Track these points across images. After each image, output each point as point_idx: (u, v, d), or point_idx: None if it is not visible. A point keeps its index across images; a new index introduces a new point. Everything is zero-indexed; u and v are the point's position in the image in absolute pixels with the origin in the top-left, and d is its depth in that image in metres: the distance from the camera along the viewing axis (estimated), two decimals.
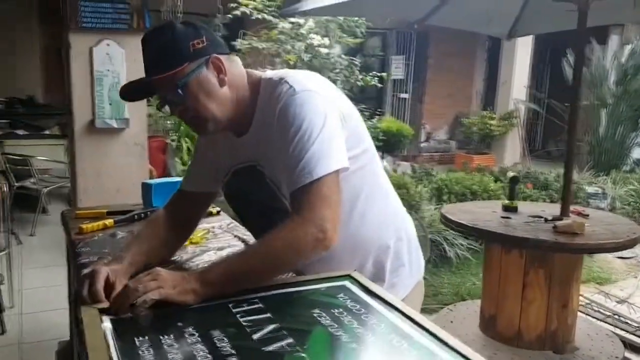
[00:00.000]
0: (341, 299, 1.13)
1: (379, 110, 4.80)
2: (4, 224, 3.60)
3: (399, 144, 4.29)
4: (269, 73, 1.29)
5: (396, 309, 1.09)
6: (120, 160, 2.58)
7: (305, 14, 3.76)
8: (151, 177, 2.82)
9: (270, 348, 0.93)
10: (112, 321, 1.01)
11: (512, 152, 8.43)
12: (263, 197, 1.30)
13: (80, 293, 1.11)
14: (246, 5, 4.05)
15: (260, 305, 1.09)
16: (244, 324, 1.01)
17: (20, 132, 5.12)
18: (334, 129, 1.19)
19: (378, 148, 4.20)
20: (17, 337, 2.96)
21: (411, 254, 1.45)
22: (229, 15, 4.19)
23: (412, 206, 4.34)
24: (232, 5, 4.15)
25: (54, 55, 5.95)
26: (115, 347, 0.93)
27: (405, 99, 9.09)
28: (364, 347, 0.95)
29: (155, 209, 1.78)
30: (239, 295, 1.11)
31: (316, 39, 3.93)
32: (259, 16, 4.02)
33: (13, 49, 6.51)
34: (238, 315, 1.04)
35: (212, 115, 1.22)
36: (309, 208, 1.13)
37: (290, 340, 0.95)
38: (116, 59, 2.52)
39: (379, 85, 4.46)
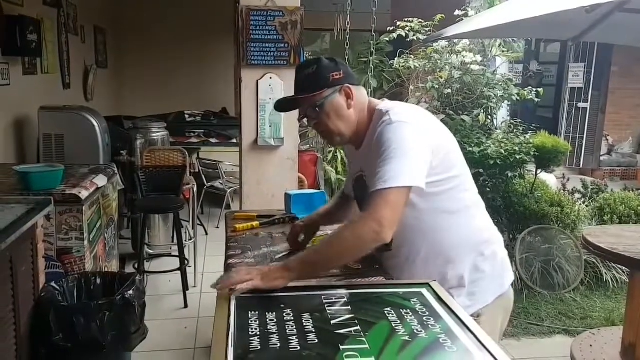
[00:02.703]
0: (412, 303, 1.36)
1: (534, 125, 4.65)
2: (192, 218, 4.38)
3: (555, 160, 4.17)
4: (382, 104, 1.59)
5: (456, 315, 1.30)
6: (275, 172, 3.10)
7: (449, 39, 3.92)
8: (301, 186, 3.27)
9: (341, 331, 1.21)
10: (236, 299, 1.38)
11: None
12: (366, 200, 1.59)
13: (218, 281, 1.44)
14: (403, 28, 4.34)
15: (345, 299, 1.37)
16: (328, 311, 1.31)
17: (213, 140, 6.00)
18: (417, 155, 1.45)
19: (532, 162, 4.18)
20: (196, 311, 3.61)
21: (494, 269, 1.63)
22: (394, 35, 4.50)
23: (567, 225, 4.20)
24: (390, 28, 4.46)
25: None
26: (234, 316, 1.29)
27: (584, 108, 8.51)
28: (414, 340, 1.18)
29: (293, 215, 2.18)
30: (331, 289, 1.42)
31: (468, 57, 4.05)
32: (415, 38, 4.27)
33: (212, 65, 7.59)
34: (326, 305, 1.34)
35: (338, 130, 1.57)
36: (374, 207, 1.40)
37: (357, 327, 1.22)
38: (276, 89, 3.04)
39: (536, 99, 4.39)
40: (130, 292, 2.46)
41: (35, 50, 3.86)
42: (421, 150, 1.46)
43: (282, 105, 1.70)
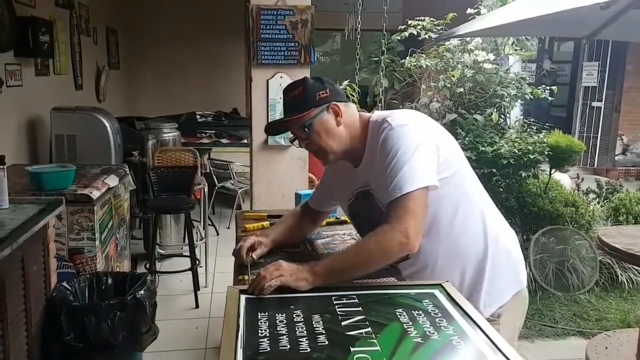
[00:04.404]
0: (425, 304, 1.34)
1: (548, 124, 4.59)
2: (203, 219, 4.39)
3: (569, 160, 4.12)
4: (375, 115, 1.59)
5: (469, 316, 1.27)
6: (285, 172, 3.09)
7: (461, 38, 3.88)
8: (312, 186, 3.25)
9: (351, 333, 1.19)
10: (246, 299, 1.37)
11: None
12: (374, 214, 1.56)
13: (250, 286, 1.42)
14: (414, 27, 4.31)
15: (356, 300, 1.35)
16: (338, 312, 1.29)
17: (224, 140, 6.00)
18: (424, 155, 1.44)
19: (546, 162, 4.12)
20: (207, 312, 3.61)
21: (510, 266, 1.62)
22: (405, 34, 4.47)
23: (581, 226, 4.14)
24: (401, 27, 4.43)
25: None
26: (244, 317, 1.27)
27: (598, 107, 8.41)
28: (426, 342, 1.16)
29: None
30: (342, 290, 1.40)
31: (480, 55, 4.01)
32: (426, 36, 4.24)
33: (223, 65, 7.60)
34: (336, 306, 1.32)
35: (330, 148, 1.56)
36: (397, 218, 1.39)
37: (368, 329, 1.20)
38: None
39: (550, 98, 4.33)
40: (142, 292, 2.46)
41: (48, 51, 3.88)
42: (427, 149, 1.46)
43: (272, 128, 1.71)
